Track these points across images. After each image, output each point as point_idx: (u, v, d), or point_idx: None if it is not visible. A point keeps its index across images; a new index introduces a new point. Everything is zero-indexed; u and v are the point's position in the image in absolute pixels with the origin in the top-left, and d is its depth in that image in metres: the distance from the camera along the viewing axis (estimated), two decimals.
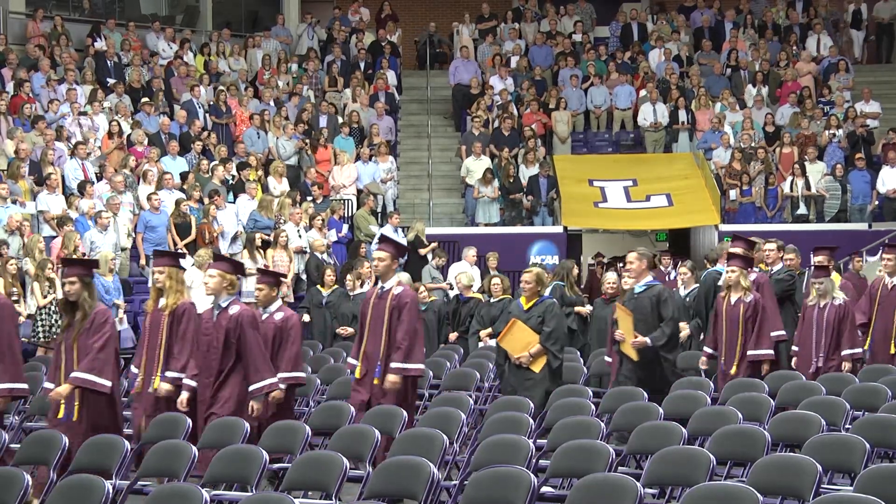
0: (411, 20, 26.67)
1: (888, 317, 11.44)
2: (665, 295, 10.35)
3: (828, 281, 11.23)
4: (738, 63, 23.46)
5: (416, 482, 6.56)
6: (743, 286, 10.87)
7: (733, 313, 10.84)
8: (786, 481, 6.28)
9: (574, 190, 20.57)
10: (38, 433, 8.18)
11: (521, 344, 10.28)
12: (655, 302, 10.27)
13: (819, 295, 11.21)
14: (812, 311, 11.23)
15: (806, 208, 19.98)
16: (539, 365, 10.23)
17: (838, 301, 11.16)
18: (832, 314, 11.10)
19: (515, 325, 10.37)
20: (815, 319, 11.16)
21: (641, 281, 10.42)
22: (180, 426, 8.32)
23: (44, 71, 20.15)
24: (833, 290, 11.22)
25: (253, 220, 17.76)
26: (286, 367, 9.42)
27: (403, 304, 9.62)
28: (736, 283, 10.90)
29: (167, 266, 9.45)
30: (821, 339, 11.12)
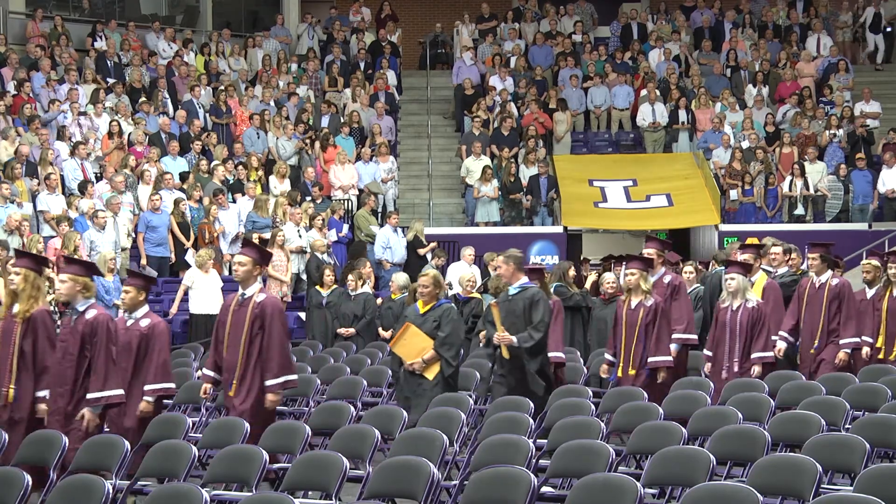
0: (411, 20, 26.68)
1: (815, 317, 11.31)
2: (538, 297, 9.89)
3: (740, 279, 10.69)
4: (738, 63, 23.46)
5: (416, 482, 6.56)
6: (643, 290, 10.49)
7: (633, 317, 10.47)
8: (786, 481, 6.27)
9: (574, 190, 20.57)
10: (38, 433, 8.17)
11: (414, 349, 9.78)
12: (528, 304, 9.86)
13: (731, 295, 10.70)
14: (725, 313, 10.70)
15: (804, 208, 19.97)
16: (433, 372, 9.72)
17: (751, 303, 10.64)
18: (745, 317, 10.58)
19: (409, 330, 9.85)
20: (728, 322, 10.65)
21: (515, 283, 10.03)
22: (180, 426, 8.32)
23: (44, 71, 20.15)
24: (746, 290, 10.72)
25: (251, 221, 17.77)
26: (153, 378, 8.75)
27: (266, 314, 8.95)
28: (636, 287, 10.52)
29: (25, 268, 8.83)
30: (734, 343, 10.60)
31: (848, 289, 11.37)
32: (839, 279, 11.49)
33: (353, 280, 14.93)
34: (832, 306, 11.30)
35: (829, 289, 11.33)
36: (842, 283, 11.43)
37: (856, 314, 11.33)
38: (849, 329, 11.26)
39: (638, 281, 10.55)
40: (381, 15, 25.07)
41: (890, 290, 11.37)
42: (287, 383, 9.01)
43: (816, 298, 11.34)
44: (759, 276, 11.65)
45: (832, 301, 11.29)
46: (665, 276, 11.34)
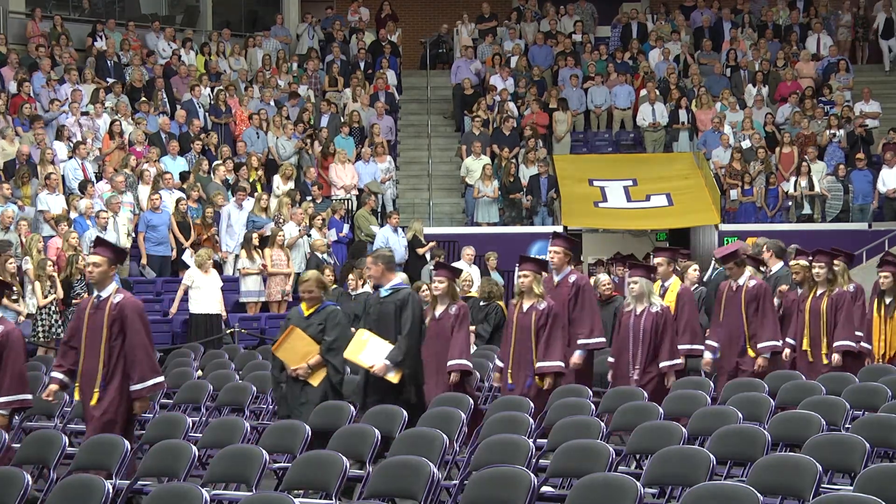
0: (411, 20, 26.68)
1: (733, 320, 10.90)
2: (408, 301, 9.46)
3: (643, 283, 10.33)
4: (738, 63, 23.46)
5: (416, 482, 6.56)
6: (536, 293, 10.04)
7: (524, 321, 10.02)
8: (786, 481, 6.27)
9: (574, 190, 20.58)
10: (38, 433, 8.18)
11: (298, 354, 9.22)
12: (400, 307, 9.45)
13: (634, 299, 10.37)
14: (628, 318, 10.37)
15: (811, 208, 19.98)
16: (318, 378, 9.18)
17: (655, 308, 10.29)
18: (649, 322, 10.23)
19: (293, 333, 9.28)
20: (632, 327, 10.30)
21: (386, 284, 9.62)
22: (180, 426, 8.31)
23: (44, 71, 20.15)
24: (651, 294, 10.35)
25: (251, 221, 17.78)
26: (7, 390, 8.17)
27: (126, 315, 8.43)
28: (528, 290, 10.07)
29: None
30: (637, 349, 10.25)
31: (766, 291, 10.95)
32: (757, 281, 11.02)
33: (354, 279, 14.93)
34: (750, 309, 10.84)
35: (746, 291, 10.88)
36: (759, 284, 10.98)
37: (775, 317, 10.96)
38: (765, 332, 10.78)
39: (531, 284, 10.07)
40: (381, 15, 25.07)
41: (814, 291, 11.21)
42: (155, 387, 8.58)
43: (734, 301, 10.92)
44: (673, 281, 11.22)
45: (750, 304, 10.85)
46: (570, 275, 10.74)
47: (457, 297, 10.23)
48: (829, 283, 11.16)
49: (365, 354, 9.45)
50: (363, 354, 9.45)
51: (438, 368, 9.95)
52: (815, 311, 11.15)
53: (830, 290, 11.14)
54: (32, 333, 14.62)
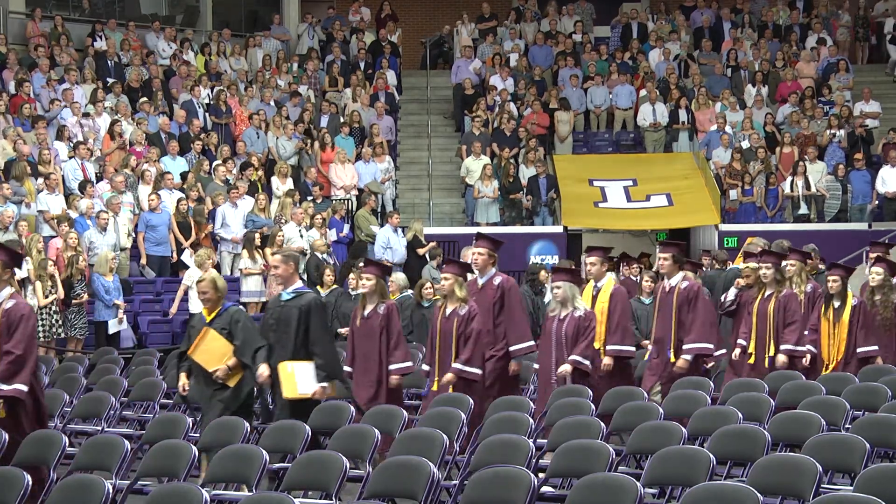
0: (411, 20, 26.68)
1: (666, 321, 10.69)
2: (312, 306, 9.07)
3: (566, 287, 10.03)
4: (738, 63, 23.47)
5: (416, 482, 6.56)
6: (458, 297, 9.79)
7: (446, 326, 9.79)
8: (786, 481, 6.28)
9: (574, 190, 20.58)
10: (39, 433, 8.17)
11: (215, 355, 8.99)
12: (305, 312, 9.02)
13: (558, 303, 10.07)
14: (551, 322, 10.09)
15: (807, 208, 19.98)
16: (235, 379, 8.99)
17: (579, 312, 9.99)
18: (571, 326, 9.94)
19: (208, 335, 9.07)
20: (554, 332, 10.04)
21: (290, 287, 9.18)
22: (180, 426, 8.32)
23: (43, 71, 20.15)
24: (574, 298, 10.03)
25: (251, 221, 17.79)
26: None
27: (15, 318, 8.18)
28: (451, 294, 9.84)
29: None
30: (561, 353, 9.96)
31: (698, 292, 10.67)
32: (690, 282, 10.71)
33: (354, 279, 14.93)
34: (682, 310, 10.60)
35: (678, 292, 10.62)
36: (691, 285, 10.69)
37: (705, 318, 10.63)
38: (693, 333, 10.52)
39: (452, 287, 9.79)
40: (381, 15, 25.08)
41: (762, 292, 10.95)
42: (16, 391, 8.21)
43: (667, 302, 10.68)
44: (607, 280, 10.87)
45: (682, 305, 10.60)
46: (495, 277, 10.46)
47: (386, 295, 10.05)
48: (777, 284, 10.88)
49: (301, 386, 9.00)
50: (300, 387, 8.99)
51: (367, 369, 9.80)
52: (762, 313, 10.90)
53: (778, 291, 10.87)
54: None
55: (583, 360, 9.91)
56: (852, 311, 10.84)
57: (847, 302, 10.88)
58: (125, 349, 15.05)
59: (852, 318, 10.83)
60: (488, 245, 10.59)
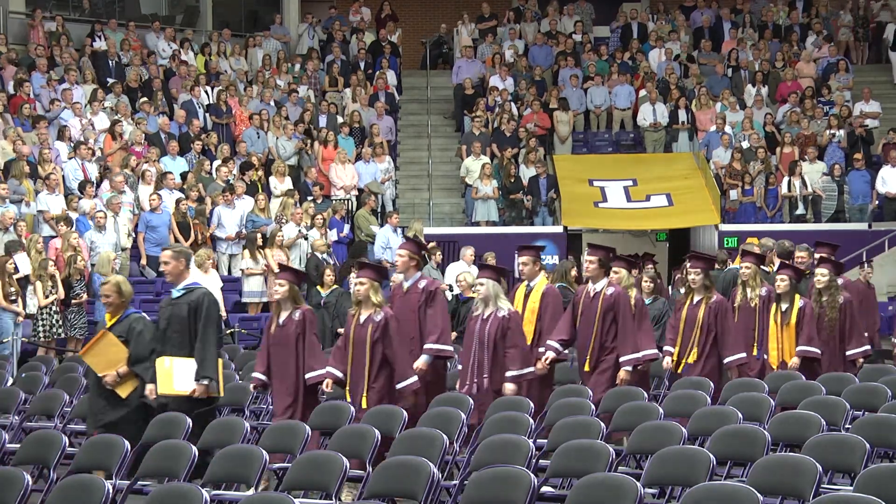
0: (411, 20, 26.68)
1: (588, 329, 10.16)
2: (203, 302, 8.71)
3: (490, 285, 9.64)
4: (738, 63, 23.47)
5: (416, 482, 6.55)
6: (373, 302, 9.32)
7: (360, 334, 9.31)
8: (786, 481, 6.27)
9: (574, 190, 20.57)
10: (39, 433, 8.17)
11: (106, 360, 8.63)
12: (194, 309, 8.69)
13: (481, 302, 9.67)
14: (474, 322, 9.67)
15: (804, 208, 19.97)
16: (127, 389, 8.63)
17: (503, 312, 9.56)
18: (495, 327, 9.53)
19: (105, 338, 8.71)
20: (477, 332, 9.59)
21: (181, 283, 8.88)
22: (180, 426, 8.31)
23: (42, 71, 20.15)
24: (498, 297, 9.64)
25: (251, 221, 17.80)
26: None
27: None
28: (366, 299, 9.32)
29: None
30: (483, 355, 9.54)
31: (624, 299, 10.16)
32: (615, 288, 10.23)
33: None
34: (606, 318, 10.10)
35: (603, 298, 10.13)
36: (617, 292, 10.18)
37: (634, 327, 10.15)
38: (627, 345, 10.05)
39: (367, 292, 9.33)
40: (381, 15, 25.08)
41: (691, 298, 10.68)
42: None
43: (591, 308, 10.19)
44: (539, 280, 10.51)
45: (606, 312, 10.10)
46: (420, 280, 10.09)
47: (300, 301, 9.58)
48: (705, 289, 10.61)
49: (178, 383, 8.60)
50: (177, 384, 8.61)
51: (284, 378, 9.40)
52: (690, 319, 10.63)
53: (708, 297, 10.58)
54: (33, 333, 14.63)
55: (523, 372, 9.60)
56: (799, 313, 10.64)
57: (794, 304, 10.67)
58: None
59: (799, 319, 10.64)
60: (410, 247, 10.20)
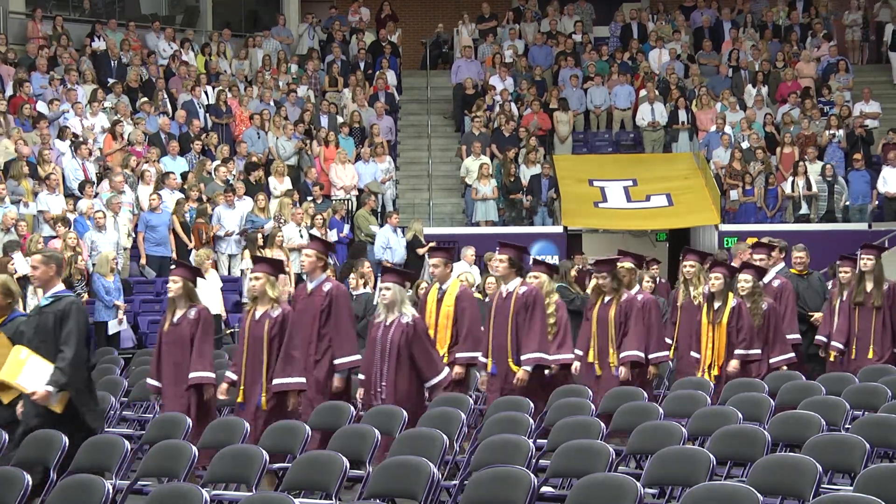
0: (411, 20, 26.68)
1: (501, 329, 9.92)
2: (71, 310, 7.99)
3: (396, 290, 9.26)
4: (738, 63, 23.46)
5: (416, 482, 6.56)
6: (270, 297, 9.04)
7: (256, 331, 9.02)
8: (786, 481, 6.28)
9: (574, 190, 20.58)
10: (39, 433, 8.17)
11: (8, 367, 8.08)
12: (60, 318, 7.99)
13: (385, 308, 9.28)
14: (377, 329, 9.30)
15: (808, 208, 19.97)
16: (10, 396, 8.13)
17: (406, 318, 9.21)
18: (397, 334, 9.16)
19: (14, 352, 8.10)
20: (379, 339, 9.24)
21: (50, 290, 8.23)
22: (180, 426, 8.31)
23: (42, 71, 20.15)
24: (403, 303, 9.28)
25: (251, 221, 17.80)
26: None
27: None
28: (262, 295, 9.05)
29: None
30: (384, 363, 9.19)
31: (537, 298, 9.92)
32: (528, 287, 9.99)
33: (355, 279, 14.92)
34: (519, 318, 9.84)
35: (516, 298, 9.87)
36: (529, 291, 9.93)
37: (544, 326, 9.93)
38: (531, 343, 9.79)
39: (263, 287, 9.01)
40: (381, 15, 25.08)
41: (601, 299, 10.58)
42: None
43: (503, 309, 9.91)
44: (452, 282, 10.22)
45: (519, 312, 9.85)
46: (325, 283, 9.70)
47: (195, 299, 9.28)
48: (615, 290, 10.52)
49: (24, 377, 7.98)
50: (22, 377, 7.98)
51: (178, 379, 9.07)
52: (601, 320, 10.48)
53: (618, 296, 10.48)
54: None
55: (440, 379, 9.32)
56: (731, 313, 10.38)
57: (727, 303, 10.41)
58: (125, 349, 15.06)
59: (731, 319, 10.37)
60: (318, 247, 9.87)
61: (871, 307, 11.15)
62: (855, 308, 11.24)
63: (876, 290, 11.16)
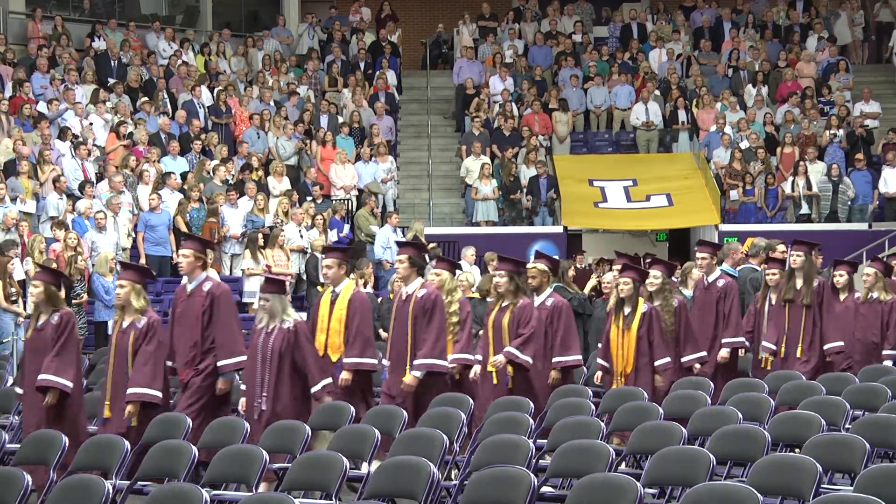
0: (411, 20, 26.68)
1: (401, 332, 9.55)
2: None
3: (276, 300, 8.95)
4: (738, 63, 23.46)
5: (416, 482, 6.56)
6: (135, 306, 8.87)
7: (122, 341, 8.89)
8: (786, 481, 6.28)
9: (574, 190, 20.58)
10: (39, 433, 8.18)
11: None
12: None
13: (266, 314, 8.98)
14: (257, 336, 8.98)
15: (809, 208, 19.97)
16: None
17: (288, 324, 8.87)
18: (279, 341, 8.85)
19: None
20: (260, 347, 8.90)
21: None
22: (180, 426, 8.31)
23: (42, 71, 20.15)
24: (284, 310, 8.96)
25: (250, 221, 17.81)
26: None
27: None
28: (128, 304, 8.91)
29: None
30: (265, 373, 8.83)
31: (437, 301, 9.53)
32: (427, 289, 9.60)
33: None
34: (418, 321, 9.48)
35: (415, 301, 9.53)
36: (428, 294, 9.53)
37: (441, 332, 9.54)
38: (425, 347, 9.43)
39: (127, 296, 8.83)
40: (382, 15, 25.08)
41: (499, 303, 10.03)
42: None
43: (402, 313, 9.56)
44: (347, 284, 9.81)
45: (418, 315, 9.48)
46: (205, 282, 9.33)
47: (59, 304, 8.99)
48: (512, 294, 9.92)
49: None
50: None
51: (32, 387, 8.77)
52: (496, 325, 9.95)
53: (514, 302, 9.89)
54: None
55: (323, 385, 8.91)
56: (641, 319, 9.98)
57: (638, 308, 10.01)
58: None
59: (641, 325, 9.97)
60: (194, 246, 9.44)
61: (800, 305, 10.81)
62: (785, 306, 10.90)
63: (806, 287, 10.82)
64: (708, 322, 11.13)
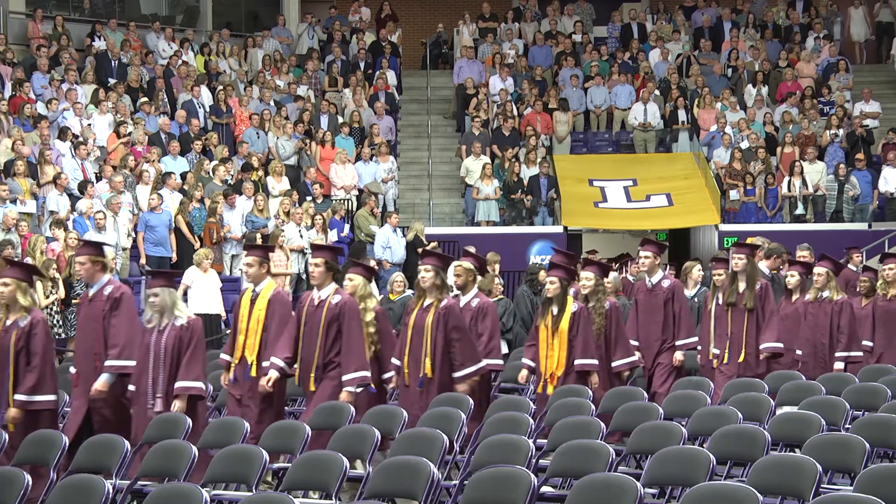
0: (411, 20, 26.69)
1: (311, 339, 9.10)
2: None
3: (166, 294, 8.73)
4: (737, 63, 23.46)
5: (416, 482, 6.56)
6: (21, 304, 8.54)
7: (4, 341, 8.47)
8: (786, 481, 6.28)
9: (574, 190, 20.58)
10: (39, 433, 8.17)
11: None
12: None
13: (156, 312, 8.76)
14: (149, 335, 8.76)
15: (804, 208, 19.98)
16: None
17: (181, 321, 8.67)
18: (171, 338, 8.62)
19: None
20: (153, 345, 8.67)
21: None
22: (180, 426, 8.31)
23: (42, 71, 20.15)
24: (175, 307, 8.74)
25: (250, 221, 17.81)
26: None
27: None
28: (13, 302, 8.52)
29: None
30: (158, 371, 8.65)
31: (351, 309, 9.10)
32: (341, 296, 9.15)
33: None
34: (331, 329, 9.04)
35: (328, 308, 9.07)
36: (342, 302, 9.09)
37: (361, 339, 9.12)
38: (350, 361, 9.00)
39: (13, 294, 8.50)
40: (382, 15, 25.09)
41: (421, 302, 9.54)
42: None
43: (314, 319, 9.10)
44: (267, 284, 9.39)
45: (331, 323, 9.04)
46: (106, 286, 9.08)
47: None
48: (437, 290, 9.45)
49: None
50: None
51: None
52: (418, 327, 9.46)
53: (438, 300, 9.41)
54: None
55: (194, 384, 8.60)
56: (571, 319, 9.81)
57: (567, 308, 9.82)
58: None
59: (571, 326, 9.80)
60: (91, 251, 9.20)
61: (742, 308, 10.64)
62: (727, 309, 10.71)
63: (748, 290, 10.65)
64: (655, 323, 10.93)
